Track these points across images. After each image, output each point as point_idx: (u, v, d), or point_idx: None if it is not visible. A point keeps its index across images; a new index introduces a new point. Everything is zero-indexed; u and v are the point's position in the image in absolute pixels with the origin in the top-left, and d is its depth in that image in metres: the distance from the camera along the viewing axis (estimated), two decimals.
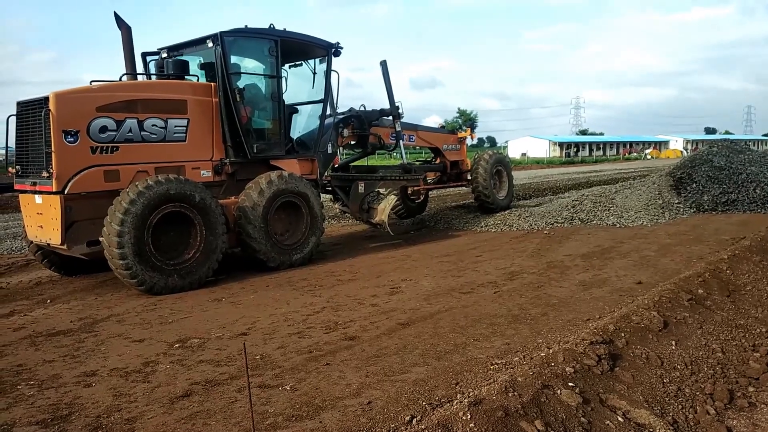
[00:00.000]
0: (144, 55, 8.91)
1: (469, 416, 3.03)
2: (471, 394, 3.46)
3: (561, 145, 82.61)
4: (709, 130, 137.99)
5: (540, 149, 79.19)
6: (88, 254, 6.80)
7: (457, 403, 3.30)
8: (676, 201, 12.11)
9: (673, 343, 4.42)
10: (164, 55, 8.59)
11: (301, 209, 8.36)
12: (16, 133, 7.29)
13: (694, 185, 12.55)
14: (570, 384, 3.54)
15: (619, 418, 3.39)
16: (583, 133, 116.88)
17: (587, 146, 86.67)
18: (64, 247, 6.70)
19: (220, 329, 5.31)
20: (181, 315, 5.87)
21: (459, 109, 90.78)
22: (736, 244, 7.73)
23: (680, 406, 3.65)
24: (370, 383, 3.90)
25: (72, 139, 6.58)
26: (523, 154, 72.88)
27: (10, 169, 7.63)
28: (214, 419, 3.46)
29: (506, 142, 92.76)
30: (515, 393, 3.32)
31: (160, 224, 6.77)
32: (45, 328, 5.58)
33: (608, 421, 3.33)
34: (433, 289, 6.54)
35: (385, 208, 9.81)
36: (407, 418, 3.30)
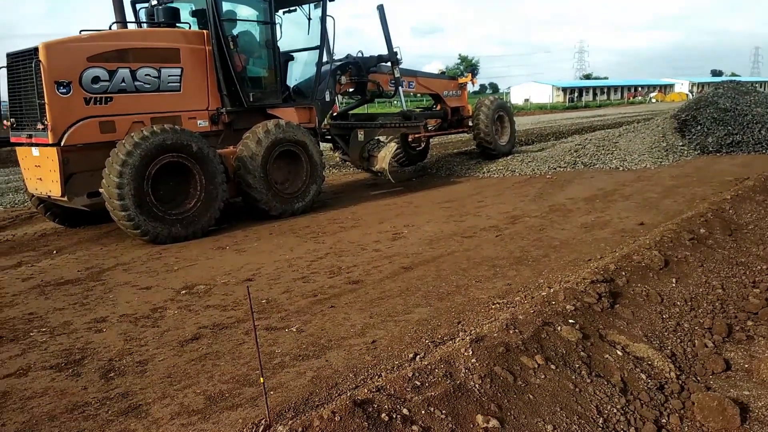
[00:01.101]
0: (133, 3, 8.63)
1: (471, 352, 3.10)
2: (473, 331, 3.52)
3: (565, 90, 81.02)
4: (716, 73, 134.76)
5: (543, 95, 77.65)
6: (89, 205, 6.82)
7: (459, 341, 3.36)
8: (680, 143, 11.98)
9: (674, 280, 4.46)
10: (154, 2, 8.30)
11: (300, 158, 8.29)
12: (8, 85, 7.16)
13: (699, 127, 12.39)
14: (570, 321, 3.60)
15: (618, 352, 3.46)
16: (587, 77, 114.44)
17: (591, 91, 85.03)
18: (65, 199, 6.70)
19: (225, 276, 5.38)
20: (187, 263, 5.94)
21: (460, 55, 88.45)
22: (739, 184, 7.69)
23: (679, 340, 3.72)
24: (374, 324, 3.97)
25: (65, 90, 6.46)
26: (526, 100, 71.65)
27: (5, 122, 7.52)
28: (223, 360, 3.55)
29: (509, 88, 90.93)
30: (516, 330, 3.38)
31: (160, 175, 6.75)
32: (53, 277, 5.66)
33: (607, 355, 3.40)
34: (436, 234, 6.57)
35: (385, 155, 9.74)
36: (410, 356, 3.37)
